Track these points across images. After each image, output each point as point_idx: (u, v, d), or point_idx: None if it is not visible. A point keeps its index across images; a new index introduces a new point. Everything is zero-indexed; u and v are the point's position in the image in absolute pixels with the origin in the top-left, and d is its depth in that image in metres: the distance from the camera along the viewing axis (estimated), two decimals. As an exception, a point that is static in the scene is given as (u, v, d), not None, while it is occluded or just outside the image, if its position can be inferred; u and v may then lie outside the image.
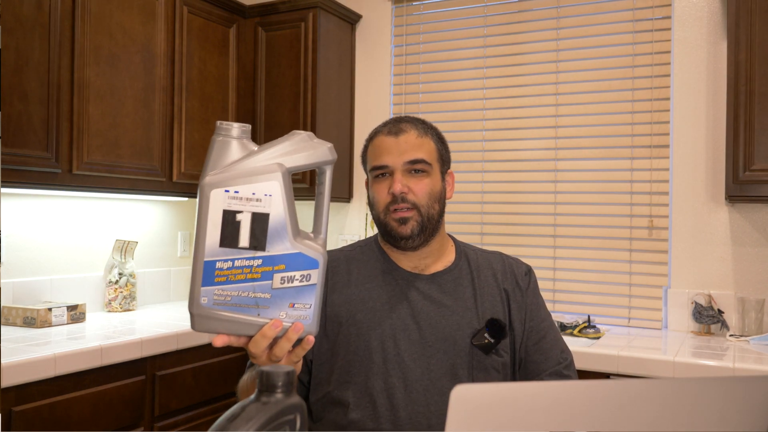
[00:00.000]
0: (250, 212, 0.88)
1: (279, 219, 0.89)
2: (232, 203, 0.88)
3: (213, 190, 0.88)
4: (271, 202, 0.88)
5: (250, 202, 0.88)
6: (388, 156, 1.28)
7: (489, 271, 1.37)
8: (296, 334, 0.90)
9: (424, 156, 1.29)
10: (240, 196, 0.88)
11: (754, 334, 2.35)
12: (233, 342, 0.92)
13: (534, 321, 1.35)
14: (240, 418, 0.62)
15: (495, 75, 2.93)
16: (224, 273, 0.88)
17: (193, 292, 0.88)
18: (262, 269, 0.89)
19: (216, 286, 0.88)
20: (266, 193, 0.88)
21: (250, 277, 0.88)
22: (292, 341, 0.92)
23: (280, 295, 0.89)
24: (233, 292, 0.88)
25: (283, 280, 0.89)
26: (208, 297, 0.88)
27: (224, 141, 0.90)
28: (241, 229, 0.88)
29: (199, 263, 0.88)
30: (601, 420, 0.58)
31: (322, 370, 1.30)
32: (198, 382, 2.38)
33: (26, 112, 2.14)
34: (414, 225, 1.27)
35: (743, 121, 2.21)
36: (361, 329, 1.28)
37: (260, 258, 0.88)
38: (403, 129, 1.30)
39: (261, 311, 0.89)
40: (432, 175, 1.30)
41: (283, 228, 0.89)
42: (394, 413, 1.22)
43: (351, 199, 3.23)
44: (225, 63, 2.98)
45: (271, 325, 0.89)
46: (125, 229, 2.87)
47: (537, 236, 2.83)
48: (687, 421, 0.60)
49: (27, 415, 1.83)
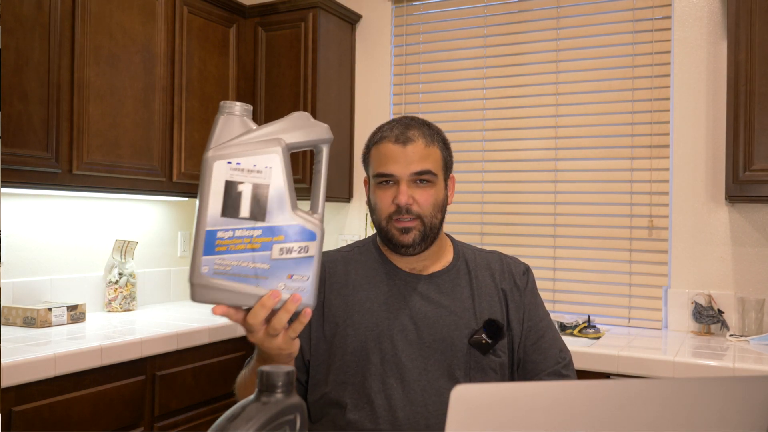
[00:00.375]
0: (251, 183, 0.90)
1: (279, 191, 0.91)
2: (234, 174, 0.90)
3: (216, 162, 0.90)
4: (271, 174, 0.91)
5: (252, 174, 0.91)
6: (394, 165, 1.26)
7: (487, 271, 1.37)
8: (294, 305, 0.91)
9: (430, 167, 1.27)
10: (242, 168, 0.91)
11: (754, 334, 2.35)
12: (231, 314, 0.92)
13: (532, 321, 1.35)
14: (240, 418, 0.62)
15: (495, 75, 2.93)
16: (225, 243, 0.90)
17: (194, 262, 0.90)
18: (261, 239, 0.91)
19: (216, 256, 0.90)
20: (267, 166, 0.91)
21: (249, 247, 0.90)
22: (290, 312, 0.92)
23: (278, 266, 0.91)
24: (233, 262, 0.90)
25: (282, 251, 0.91)
26: (209, 266, 0.90)
27: (227, 118, 0.93)
28: (242, 200, 0.90)
29: (201, 233, 0.90)
30: (601, 420, 0.58)
31: (320, 371, 1.30)
32: (198, 382, 2.38)
33: (26, 112, 2.14)
34: (416, 234, 1.27)
35: (743, 121, 2.20)
36: (358, 330, 1.28)
37: (260, 228, 0.91)
38: (411, 138, 1.27)
39: (260, 281, 0.91)
40: (436, 184, 1.29)
41: (282, 200, 0.91)
42: (392, 414, 1.22)
43: (351, 199, 3.23)
44: (225, 63, 2.98)
45: (270, 296, 0.90)
46: (125, 229, 2.87)
47: (537, 236, 2.83)
48: (687, 421, 0.60)
49: (27, 415, 1.83)
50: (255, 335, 0.96)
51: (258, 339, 0.96)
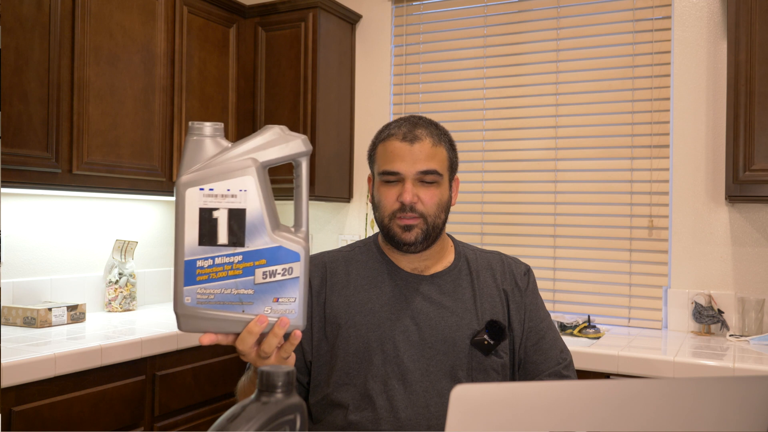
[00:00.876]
0: (226, 209, 0.88)
1: (256, 213, 0.89)
2: (207, 201, 0.88)
3: (188, 189, 0.88)
4: (246, 197, 0.89)
5: (226, 199, 0.88)
6: (400, 163, 1.26)
7: (488, 272, 1.36)
8: (282, 329, 0.90)
9: (436, 167, 1.27)
10: (215, 193, 0.88)
11: (754, 334, 2.35)
12: (221, 340, 0.92)
13: (533, 321, 1.35)
14: (240, 418, 0.62)
15: (495, 75, 2.93)
16: (205, 271, 0.88)
17: (176, 293, 0.89)
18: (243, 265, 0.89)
19: (198, 285, 0.88)
20: (241, 189, 0.88)
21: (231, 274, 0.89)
22: (278, 336, 0.91)
23: (263, 290, 0.89)
24: (216, 290, 0.89)
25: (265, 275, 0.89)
26: (192, 296, 0.89)
27: (198, 140, 0.90)
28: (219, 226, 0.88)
29: (180, 263, 0.88)
30: (601, 420, 0.58)
31: (322, 372, 1.29)
32: (198, 382, 2.38)
33: (26, 112, 2.14)
34: (418, 233, 1.26)
35: (743, 121, 2.20)
36: (360, 331, 1.27)
37: (240, 254, 0.89)
38: (418, 137, 1.27)
39: (245, 307, 0.89)
40: (442, 185, 1.29)
41: (260, 222, 0.89)
42: (394, 414, 1.22)
43: (351, 199, 3.23)
44: (225, 63, 2.98)
45: (257, 321, 0.89)
46: (125, 229, 2.87)
47: (537, 236, 2.83)
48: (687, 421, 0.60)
49: (27, 415, 1.83)
50: (247, 357, 0.95)
51: (250, 360, 0.96)
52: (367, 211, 3.15)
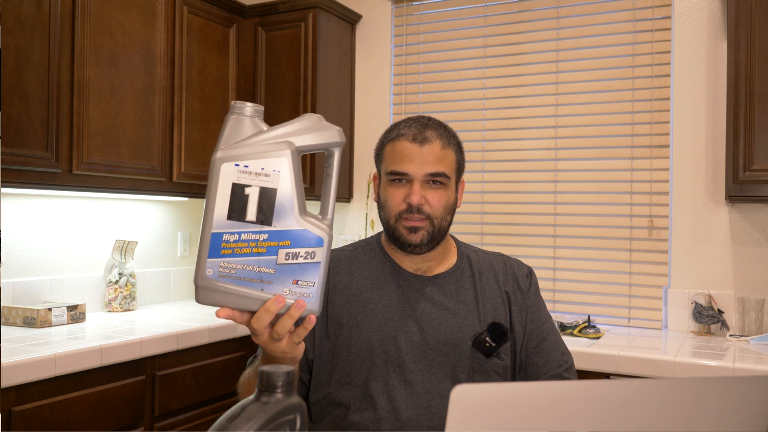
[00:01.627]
0: (258, 187, 0.90)
1: (286, 195, 0.90)
2: (241, 177, 0.90)
3: (223, 164, 0.90)
4: (279, 178, 0.90)
5: (259, 177, 0.90)
6: (409, 164, 1.26)
7: (490, 273, 1.36)
8: (298, 312, 0.91)
9: (445, 169, 1.27)
10: (249, 171, 0.90)
11: (754, 334, 2.35)
12: (236, 317, 0.92)
13: (535, 323, 1.35)
14: (240, 418, 0.62)
15: (495, 75, 2.93)
16: (230, 246, 0.90)
17: (199, 264, 0.90)
18: (267, 244, 0.90)
19: (222, 259, 0.89)
20: (275, 169, 0.90)
21: (255, 251, 0.90)
22: (294, 318, 0.92)
23: (284, 270, 0.90)
24: (238, 266, 0.90)
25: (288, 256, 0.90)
26: (214, 269, 0.90)
27: (237, 119, 0.92)
28: (249, 203, 0.89)
29: (207, 235, 0.90)
30: (601, 420, 0.58)
31: (323, 371, 1.29)
32: (198, 382, 2.38)
33: (26, 112, 2.14)
34: (424, 234, 1.26)
35: (743, 121, 2.20)
36: (362, 331, 1.27)
37: (266, 232, 0.90)
38: (428, 138, 1.27)
39: (265, 286, 0.90)
40: (449, 187, 1.29)
41: (290, 204, 0.90)
42: (396, 415, 1.22)
43: (351, 199, 3.23)
44: (225, 63, 2.98)
45: (274, 301, 0.90)
46: (125, 229, 2.87)
47: (537, 236, 2.83)
48: (687, 421, 0.60)
49: (27, 415, 1.83)
50: (259, 338, 0.96)
51: (262, 342, 0.96)
52: (367, 211, 3.15)
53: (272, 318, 0.91)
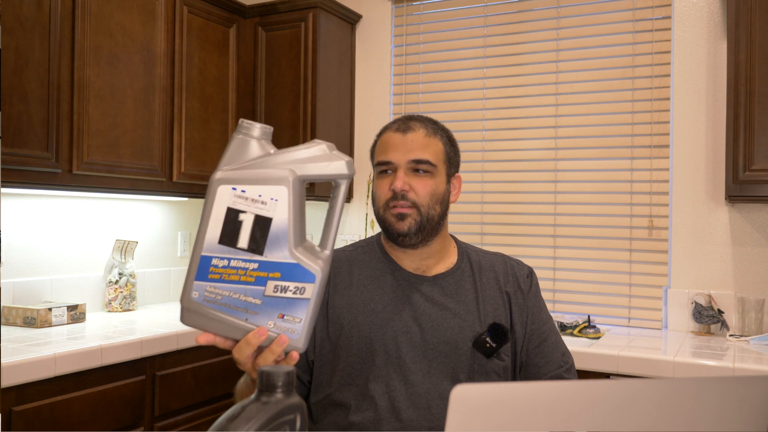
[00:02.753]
0: (253, 214, 0.87)
1: (281, 226, 0.87)
2: (237, 202, 0.87)
3: (221, 186, 0.87)
4: (276, 207, 0.87)
5: (255, 204, 0.87)
6: (393, 152, 1.28)
7: (491, 273, 1.36)
8: (280, 348, 0.89)
9: (429, 157, 1.28)
10: (246, 196, 0.87)
11: (754, 334, 2.34)
12: (218, 343, 0.91)
13: (535, 324, 1.35)
14: (240, 418, 0.62)
15: (495, 75, 2.93)
16: (219, 271, 0.87)
17: (186, 285, 0.88)
18: (256, 274, 0.87)
19: (209, 283, 0.88)
20: (273, 197, 0.87)
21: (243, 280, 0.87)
22: (275, 354, 0.90)
23: (271, 303, 0.88)
24: (225, 292, 0.88)
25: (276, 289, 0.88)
26: (200, 292, 0.88)
27: (243, 140, 0.89)
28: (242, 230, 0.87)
29: (196, 256, 0.88)
30: (601, 420, 0.58)
31: (323, 372, 1.29)
32: (198, 382, 2.38)
33: (26, 112, 2.14)
34: (412, 222, 1.26)
35: (743, 120, 2.20)
36: (362, 331, 1.27)
37: (256, 262, 0.87)
38: (411, 127, 1.29)
39: (249, 316, 0.88)
40: (436, 176, 1.29)
41: (284, 235, 0.87)
42: (396, 416, 1.22)
43: (351, 199, 3.23)
44: (225, 63, 2.98)
45: (256, 333, 0.88)
46: (125, 229, 2.87)
47: (537, 236, 2.83)
48: (687, 421, 0.60)
49: (27, 415, 1.83)
50: (242, 366, 0.95)
51: (246, 369, 0.95)
52: (367, 211, 3.15)
53: (253, 350, 0.89)
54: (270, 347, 0.89)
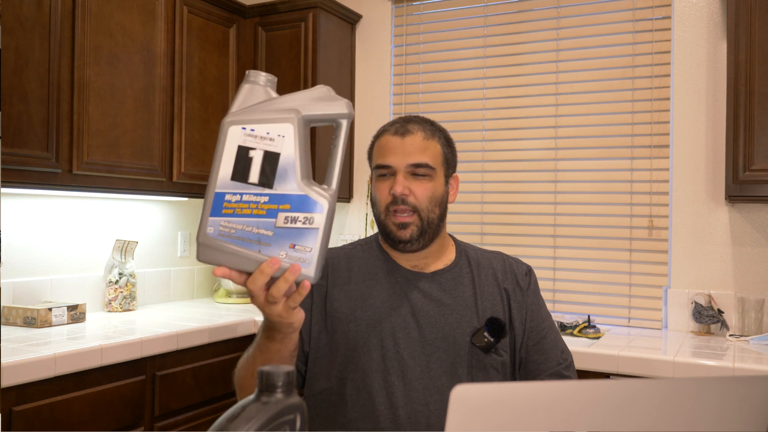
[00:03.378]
0: (262, 150, 0.92)
1: (289, 160, 0.92)
2: (247, 140, 0.92)
3: (231, 127, 0.92)
4: (283, 143, 0.92)
5: (264, 141, 0.92)
6: (392, 156, 1.28)
7: (489, 271, 1.37)
8: (293, 276, 0.91)
9: (428, 160, 1.28)
10: (255, 134, 0.92)
11: (754, 334, 2.34)
12: (233, 276, 0.93)
13: (534, 321, 1.35)
14: (240, 418, 0.62)
15: (495, 75, 2.93)
16: (232, 206, 0.91)
17: (202, 222, 0.92)
18: (267, 206, 0.92)
19: (223, 218, 0.91)
20: (280, 134, 0.92)
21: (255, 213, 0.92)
22: (289, 282, 0.92)
23: (282, 234, 0.92)
24: (238, 226, 0.91)
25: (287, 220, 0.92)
26: (215, 227, 0.92)
27: (251, 87, 0.95)
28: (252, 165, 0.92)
29: (210, 194, 0.92)
30: (601, 420, 0.58)
31: (320, 364, 1.30)
32: (198, 382, 2.38)
33: (26, 112, 2.14)
34: (414, 230, 1.27)
35: (743, 121, 2.20)
36: (360, 326, 1.28)
37: (267, 195, 0.92)
38: (409, 130, 1.29)
39: (262, 248, 0.92)
40: (435, 179, 1.29)
41: (292, 169, 0.92)
42: (393, 411, 1.22)
43: (351, 199, 3.23)
44: (225, 63, 2.98)
45: (270, 263, 0.91)
46: (125, 229, 2.87)
47: (537, 236, 2.83)
48: (687, 421, 0.60)
49: (27, 415, 1.83)
50: (256, 300, 0.97)
51: (258, 304, 0.97)
52: (367, 211, 3.15)
53: (267, 280, 0.92)
54: (283, 276, 0.92)
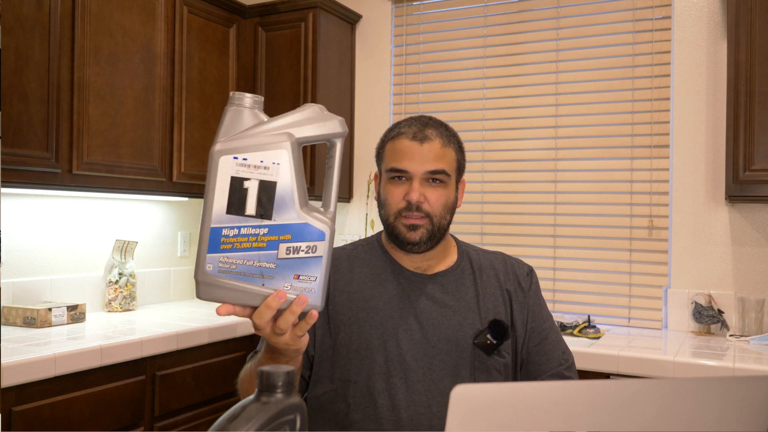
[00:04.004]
0: (257, 180, 0.88)
1: (286, 188, 0.88)
2: (240, 170, 0.88)
3: (222, 157, 0.88)
4: (279, 171, 0.88)
5: (258, 170, 0.88)
6: (409, 162, 1.26)
7: (491, 272, 1.37)
8: (300, 307, 0.90)
9: (445, 167, 1.27)
10: (248, 164, 0.88)
11: (754, 334, 2.34)
12: (238, 312, 0.91)
13: (536, 322, 1.35)
14: (240, 418, 0.62)
15: (495, 75, 2.93)
16: (230, 240, 0.88)
17: (199, 259, 0.89)
18: (267, 238, 0.88)
19: (221, 254, 0.88)
20: (274, 162, 0.88)
21: (255, 246, 0.88)
22: (296, 314, 0.91)
23: (285, 265, 0.89)
24: (238, 261, 0.88)
25: (289, 251, 0.89)
26: (214, 264, 0.88)
27: (237, 110, 0.91)
28: (248, 197, 0.88)
29: (206, 230, 0.88)
30: (601, 420, 0.58)
31: (323, 367, 1.29)
32: (198, 382, 2.38)
33: (26, 112, 2.14)
34: (423, 233, 1.26)
35: (743, 120, 2.20)
36: (363, 328, 1.27)
37: (266, 227, 0.88)
38: (428, 136, 1.27)
39: (266, 281, 0.89)
40: (448, 186, 1.29)
41: (290, 197, 0.88)
42: (396, 413, 1.22)
43: (351, 199, 3.23)
44: (225, 63, 2.98)
45: (275, 296, 0.89)
46: (125, 229, 2.87)
47: (537, 236, 2.83)
48: (687, 421, 0.60)
49: (27, 415, 1.83)
50: (262, 332, 0.95)
51: (265, 335, 0.96)
52: (367, 211, 3.15)
53: (274, 313, 0.90)
54: (290, 308, 0.90)
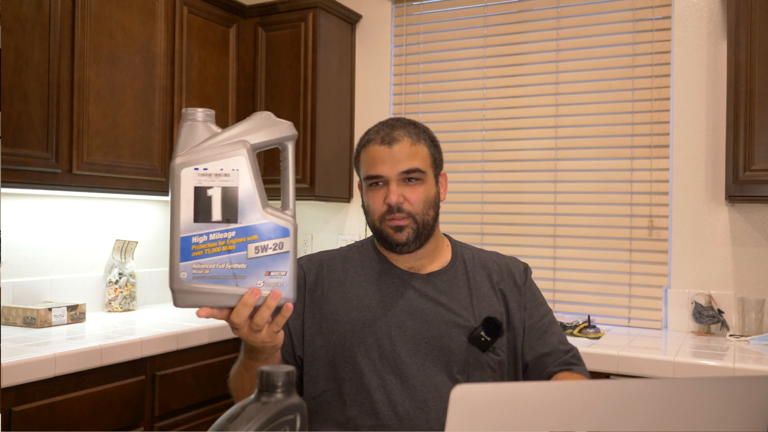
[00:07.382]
0: (219, 187, 0.93)
1: (248, 192, 0.94)
2: (202, 180, 0.93)
3: (183, 169, 0.93)
4: (239, 177, 0.94)
5: (219, 178, 0.93)
6: (382, 166, 1.28)
7: (484, 272, 1.38)
8: (275, 301, 0.94)
9: (418, 165, 1.29)
10: (209, 173, 0.93)
11: (754, 334, 2.34)
12: (216, 314, 0.95)
13: (534, 318, 1.37)
14: (240, 418, 0.62)
15: (495, 75, 2.93)
16: (200, 247, 0.93)
17: (173, 269, 0.93)
18: (236, 240, 0.93)
19: (194, 261, 0.92)
20: (234, 168, 0.94)
21: (225, 249, 0.93)
22: (271, 308, 0.94)
23: (256, 264, 0.94)
24: (211, 265, 0.93)
25: (258, 250, 0.94)
26: (187, 272, 0.92)
27: (191, 125, 0.95)
28: (213, 204, 0.93)
29: (176, 240, 0.93)
30: (601, 420, 0.58)
31: (317, 366, 1.31)
32: (198, 382, 2.38)
33: (26, 112, 2.14)
34: (410, 232, 1.29)
35: (743, 121, 2.20)
36: (356, 326, 1.29)
37: (233, 230, 0.93)
38: (396, 138, 1.30)
39: (239, 281, 0.93)
40: (426, 182, 1.31)
41: (252, 200, 0.94)
42: (392, 409, 1.24)
43: (351, 199, 3.23)
44: (225, 63, 2.98)
45: (251, 293, 0.92)
46: (125, 229, 2.87)
47: (537, 236, 2.83)
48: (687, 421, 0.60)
49: (27, 415, 1.83)
50: (240, 331, 0.98)
51: (242, 334, 0.99)
52: (367, 211, 3.15)
53: (251, 311, 0.94)
54: (266, 303, 0.94)
